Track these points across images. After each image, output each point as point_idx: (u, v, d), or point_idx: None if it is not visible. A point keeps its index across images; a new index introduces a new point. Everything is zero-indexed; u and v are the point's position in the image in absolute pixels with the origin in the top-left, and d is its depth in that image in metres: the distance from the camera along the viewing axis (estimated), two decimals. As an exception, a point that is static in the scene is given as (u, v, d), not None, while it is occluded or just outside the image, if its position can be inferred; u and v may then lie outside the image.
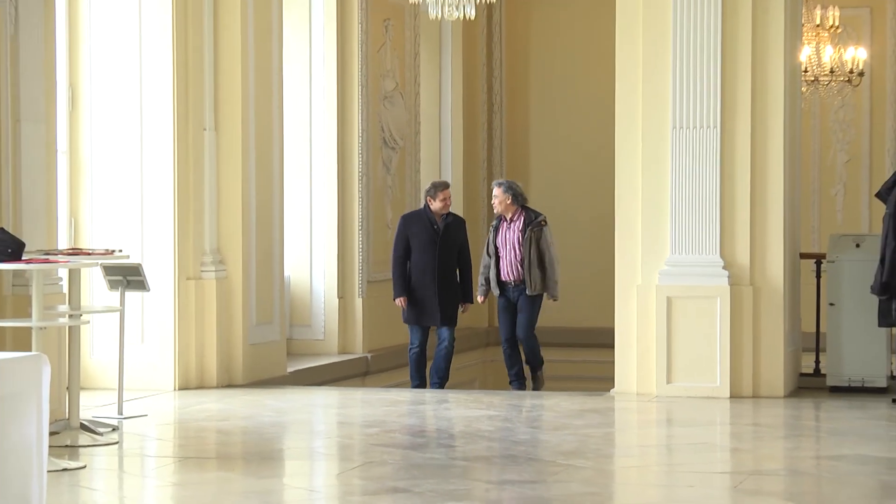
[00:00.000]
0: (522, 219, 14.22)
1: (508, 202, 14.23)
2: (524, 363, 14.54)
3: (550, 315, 17.09)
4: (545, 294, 14.42)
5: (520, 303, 14.22)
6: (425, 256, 14.26)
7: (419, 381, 14.43)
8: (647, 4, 13.70)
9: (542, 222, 14.21)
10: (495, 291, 14.38)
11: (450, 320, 14.45)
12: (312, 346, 16.50)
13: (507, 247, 14.22)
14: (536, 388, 14.48)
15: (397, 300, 14.55)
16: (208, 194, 14.26)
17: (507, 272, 14.29)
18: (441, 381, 14.42)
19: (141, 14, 13.91)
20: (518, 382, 14.51)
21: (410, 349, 14.55)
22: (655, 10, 13.65)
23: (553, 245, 14.28)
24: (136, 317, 13.74)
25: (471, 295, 14.71)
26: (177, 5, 13.89)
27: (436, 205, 14.36)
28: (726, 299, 13.49)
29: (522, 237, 14.11)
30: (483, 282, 14.59)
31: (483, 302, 14.98)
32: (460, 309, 14.62)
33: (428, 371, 14.59)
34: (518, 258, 14.15)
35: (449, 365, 14.51)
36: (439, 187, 14.53)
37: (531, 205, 14.98)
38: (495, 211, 14.50)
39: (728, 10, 13.51)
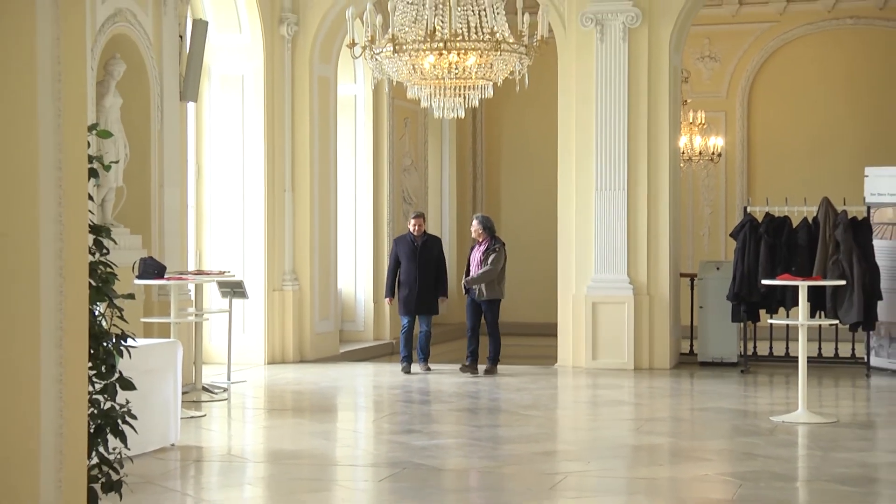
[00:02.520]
0: (486, 245, 13.41)
1: (480, 231, 13.52)
2: (488, 355, 13.80)
3: (514, 312, 17.11)
4: (488, 292, 13.27)
5: (483, 307, 13.32)
6: (409, 265, 13.55)
7: (406, 353, 13.53)
8: (579, 108, 13.73)
9: (496, 249, 13.27)
10: (463, 290, 13.53)
11: (427, 312, 13.63)
12: (356, 335, 16.46)
13: (474, 263, 13.55)
14: (487, 372, 13.40)
15: (385, 299, 14.06)
16: (287, 233, 14.25)
17: None
18: (426, 357, 13.66)
19: (244, 115, 13.93)
20: (472, 358, 13.36)
21: (402, 330, 13.86)
22: (583, 111, 13.69)
23: (499, 263, 13.22)
24: (239, 316, 13.71)
25: (446, 291, 13.80)
26: (266, 108, 13.92)
27: (410, 226, 13.75)
28: (631, 304, 13.49)
29: (482, 258, 13.63)
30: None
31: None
32: (440, 301, 13.85)
33: (415, 350, 13.91)
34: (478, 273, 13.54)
35: (429, 344, 13.70)
36: (411, 215, 14.10)
37: (504, 236, 14.74)
38: (472, 237, 13.79)
39: (632, 112, 13.55)
